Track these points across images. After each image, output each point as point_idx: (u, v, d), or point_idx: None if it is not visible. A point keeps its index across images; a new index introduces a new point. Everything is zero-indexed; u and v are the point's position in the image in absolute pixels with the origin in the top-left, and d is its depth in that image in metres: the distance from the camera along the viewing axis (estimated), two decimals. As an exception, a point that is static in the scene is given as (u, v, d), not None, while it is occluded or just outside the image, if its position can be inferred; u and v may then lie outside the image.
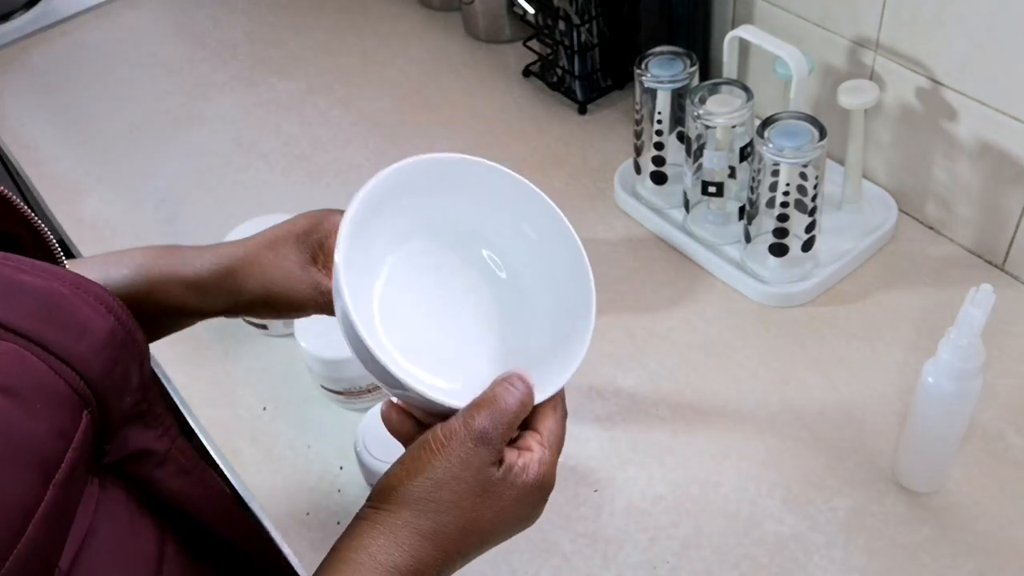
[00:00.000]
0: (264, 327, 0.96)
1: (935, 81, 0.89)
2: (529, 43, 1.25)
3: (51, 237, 0.54)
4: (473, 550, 0.53)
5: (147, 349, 0.51)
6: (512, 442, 0.54)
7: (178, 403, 0.93)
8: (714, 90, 0.91)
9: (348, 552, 0.51)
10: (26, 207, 0.52)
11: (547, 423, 0.56)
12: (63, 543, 0.44)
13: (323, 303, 0.63)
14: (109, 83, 1.35)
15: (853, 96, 0.90)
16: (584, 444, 0.84)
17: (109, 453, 0.48)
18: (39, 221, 0.53)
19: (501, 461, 0.53)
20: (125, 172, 1.20)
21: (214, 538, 0.58)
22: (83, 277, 0.46)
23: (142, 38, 1.43)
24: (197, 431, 0.91)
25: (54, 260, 0.54)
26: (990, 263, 0.95)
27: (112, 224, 1.13)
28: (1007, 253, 0.92)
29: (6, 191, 0.52)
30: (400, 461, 0.53)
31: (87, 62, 1.40)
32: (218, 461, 0.88)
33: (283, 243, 0.64)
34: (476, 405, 0.53)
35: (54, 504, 0.41)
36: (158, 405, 0.53)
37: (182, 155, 1.22)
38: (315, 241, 0.64)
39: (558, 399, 0.57)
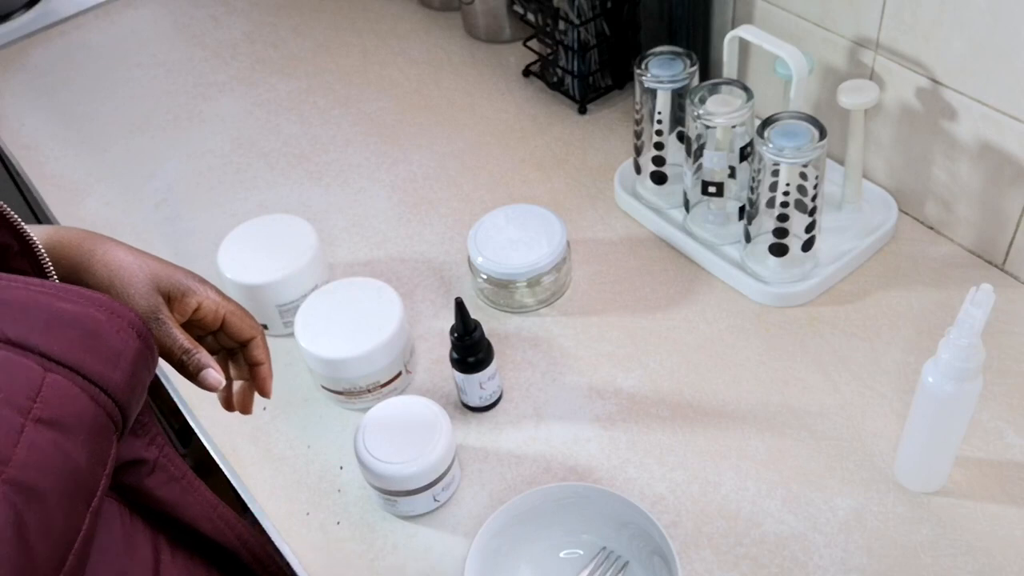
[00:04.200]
0: (264, 327, 0.96)
1: (935, 81, 0.89)
2: (529, 43, 1.25)
3: (39, 245, 0.53)
4: None
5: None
6: None
7: (178, 404, 0.93)
8: (714, 90, 0.91)
9: None
10: (12, 214, 0.52)
11: None
12: (86, 567, 0.44)
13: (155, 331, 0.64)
14: (109, 83, 1.35)
15: (853, 96, 0.90)
16: (584, 444, 0.84)
17: None
18: (26, 229, 0.53)
19: None
20: (125, 172, 1.20)
21: (207, 542, 0.58)
22: (114, 301, 0.47)
23: (142, 38, 1.43)
24: (197, 431, 0.91)
25: (41, 269, 0.54)
26: (990, 263, 0.95)
27: (112, 224, 1.13)
28: (1007, 253, 0.92)
29: None
30: None
31: (87, 62, 1.40)
32: (218, 461, 0.88)
33: (144, 266, 0.65)
34: None
35: (89, 531, 0.42)
36: (146, 414, 0.53)
37: (182, 155, 1.22)
38: (171, 286, 0.65)
39: None
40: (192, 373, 0.63)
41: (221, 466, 0.87)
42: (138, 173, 1.20)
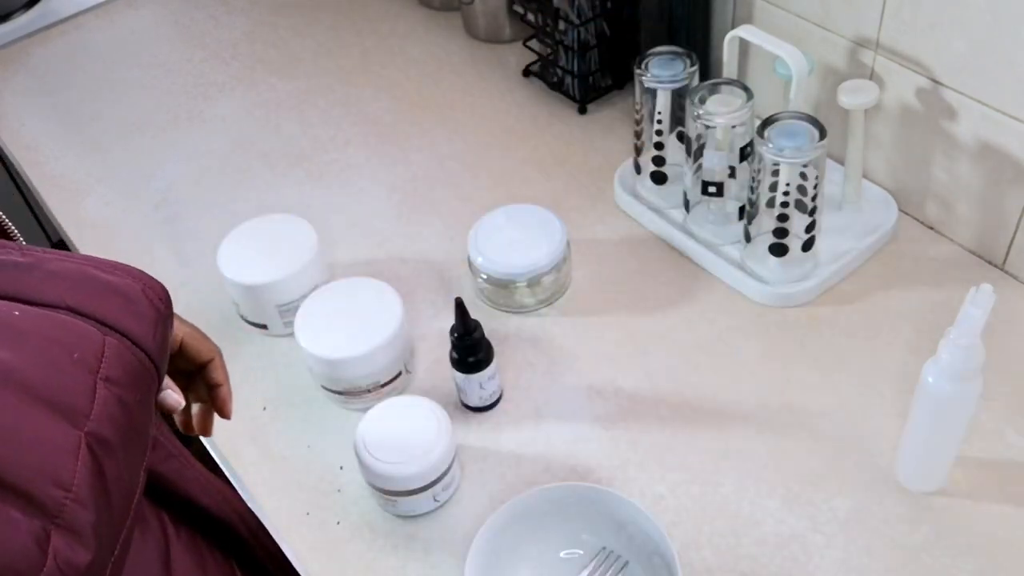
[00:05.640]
0: (264, 327, 0.96)
1: (935, 81, 0.89)
2: (529, 43, 1.25)
3: (11, 225, 0.57)
4: None
5: None
6: None
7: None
8: (714, 90, 0.91)
9: None
10: None
11: None
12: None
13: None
14: (109, 83, 1.35)
15: (853, 96, 0.90)
16: (584, 444, 0.84)
17: None
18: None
19: None
20: (125, 172, 1.20)
21: (206, 518, 0.60)
22: (147, 275, 0.51)
23: (142, 38, 1.43)
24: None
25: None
26: (990, 263, 0.95)
27: (112, 224, 1.13)
28: (1007, 253, 0.92)
29: None
30: None
31: (87, 62, 1.40)
32: (218, 461, 0.88)
33: None
34: None
35: (143, 488, 0.46)
36: None
37: (182, 155, 1.22)
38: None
39: None
40: None
41: (221, 466, 0.87)
42: (138, 173, 1.20)
